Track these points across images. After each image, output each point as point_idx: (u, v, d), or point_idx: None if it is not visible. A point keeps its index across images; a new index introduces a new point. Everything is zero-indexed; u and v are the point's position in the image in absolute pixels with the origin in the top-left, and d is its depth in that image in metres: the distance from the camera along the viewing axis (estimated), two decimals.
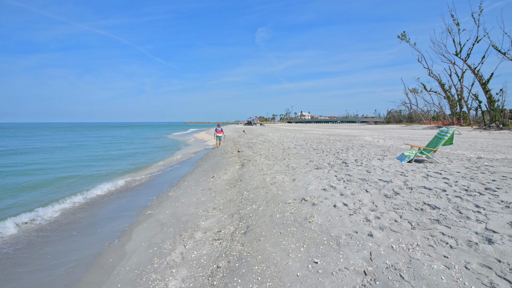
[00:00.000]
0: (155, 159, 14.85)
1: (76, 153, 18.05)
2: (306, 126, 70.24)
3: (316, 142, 13.26)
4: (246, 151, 12.78)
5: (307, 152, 9.92)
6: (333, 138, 16.29)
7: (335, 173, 5.89)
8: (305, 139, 16.24)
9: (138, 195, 7.51)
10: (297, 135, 20.72)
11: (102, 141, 29.92)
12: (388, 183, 4.58)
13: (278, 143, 14.33)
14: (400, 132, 25.82)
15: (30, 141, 29.33)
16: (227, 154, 14.00)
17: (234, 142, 19.64)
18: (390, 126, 54.94)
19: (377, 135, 21.07)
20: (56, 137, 37.23)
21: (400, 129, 38.34)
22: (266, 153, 11.07)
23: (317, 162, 7.75)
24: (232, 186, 6.72)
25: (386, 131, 28.46)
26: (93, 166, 12.62)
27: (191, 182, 8.32)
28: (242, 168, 8.90)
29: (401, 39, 49.47)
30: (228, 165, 10.17)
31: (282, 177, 6.40)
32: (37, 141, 29.39)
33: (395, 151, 9.24)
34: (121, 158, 15.53)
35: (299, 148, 11.23)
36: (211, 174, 8.97)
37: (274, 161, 8.89)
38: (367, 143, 12.66)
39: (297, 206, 4.18)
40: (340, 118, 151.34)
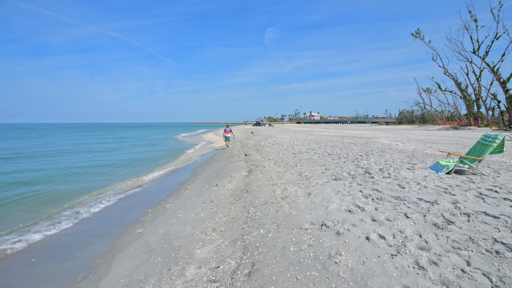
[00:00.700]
0: (159, 163, 14.17)
1: (79, 158, 17.61)
2: (315, 126, 68.86)
3: (329, 146, 12.26)
4: (254, 155, 11.90)
5: (321, 158, 8.96)
6: (348, 141, 15.22)
7: (359, 187, 4.93)
8: (317, 142, 15.24)
9: (133, 206, 6.73)
10: (308, 137, 19.71)
11: (108, 142, 29.66)
12: (433, 205, 3.61)
13: (288, 146, 13.39)
14: (416, 134, 24.41)
15: (35, 142, 29.32)
16: (233, 157, 13.17)
17: (241, 144, 18.80)
18: (402, 127, 53.04)
19: (393, 137, 19.83)
20: (63, 138, 37.30)
21: (414, 130, 36.69)
22: (275, 157, 10.16)
23: (334, 170, 6.78)
24: (237, 198, 5.85)
25: (401, 133, 27.04)
26: (90, 173, 12.00)
27: (193, 190, 7.51)
28: (249, 176, 8.03)
29: (415, 37, 47.67)
30: (234, 171, 9.32)
31: (294, 190, 5.48)
32: (40, 143, 29.35)
33: (423, 157, 8.17)
34: (124, 160, 14.92)
35: (312, 153, 10.27)
36: (215, 182, 8.14)
37: (284, 168, 7.98)
38: (386, 147, 11.57)
39: (317, 235, 3.27)
40: (350, 119, 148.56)
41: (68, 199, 7.46)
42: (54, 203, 7.14)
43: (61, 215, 6.18)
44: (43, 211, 6.44)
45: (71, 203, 7.13)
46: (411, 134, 24.40)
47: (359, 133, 25.88)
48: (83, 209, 6.56)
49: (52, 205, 6.89)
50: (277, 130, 38.19)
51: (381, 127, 56.72)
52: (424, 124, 57.42)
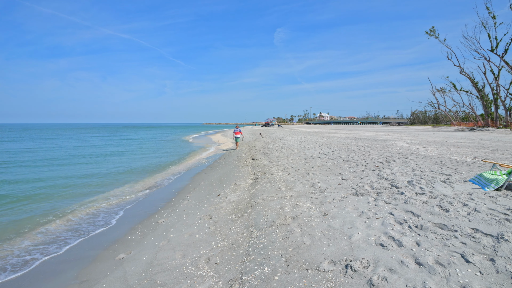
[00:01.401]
0: (163, 166, 13.51)
1: (77, 163, 17.17)
2: (325, 127, 67.45)
3: (344, 150, 11.27)
4: (262, 160, 11.05)
5: (336, 165, 8.02)
6: (362, 144, 14.16)
7: (387, 207, 4.01)
8: (329, 145, 14.25)
9: (122, 220, 6.00)
10: (319, 139, 18.70)
11: (113, 144, 29.41)
12: (499, 242, 2.66)
13: (298, 150, 12.47)
14: (432, 135, 22.97)
15: (35, 143, 29.34)
16: (240, 161, 12.35)
17: (249, 147, 17.99)
18: (415, 127, 51.01)
19: (409, 139, 18.58)
20: (69, 140, 37.40)
21: (428, 131, 34.98)
22: (284, 163, 9.28)
23: (353, 182, 5.85)
24: (239, 214, 5.01)
25: (416, 134, 25.60)
26: (86, 180, 11.41)
27: (192, 201, 6.72)
28: (255, 184, 7.19)
29: (430, 35, 45.86)
30: (239, 178, 8.50)
31: (307, 206, 4.60)
32: (43, 146, 29.34)
33: (454, 165, 7.12)
34: (126, 163, 14.33)
35: (325, 158, 9.33)
36: (217, 191, 7.34)
37: (295, 177, 7.09)
38: (406, 151, 10.50)
39: (341, 283, 2.39)
40: (361, 119, 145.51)
41: (51, 213, 6.80)
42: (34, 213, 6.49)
43: (38, 231, 5.49)
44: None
45: (51, 217, 6.46)
46: (427, 135, 23.00)
47: (372, 135, 24.65)
48: (64, 225, 5.87)
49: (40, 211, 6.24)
50: (286, 132, 37.21)
51: (393, 128, 54.82)
52: (438, 125, 55.21)
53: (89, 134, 48.26)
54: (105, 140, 33.85)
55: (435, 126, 51.66)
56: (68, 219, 6.07)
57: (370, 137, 21.52)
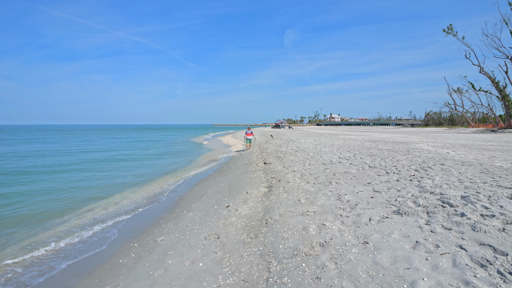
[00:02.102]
0: (170, 169, 12.81)
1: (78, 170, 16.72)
2: (337, 129, 65.86)
3: (366, 154, 10.22)
4: (275, 164, 10.15)
5: (362, 172, 7.02)
6: (384, 147, 13.03)
7: (450, 235, 3.03)
8: (348, 148, 13.19)
9: (118, 235, 5.22)
10: (335, 141, 17.61)
11: (122, 146, 29.14)
12: None
13: (315, 153, 11.49)
14: (453, 137, 21.34)
15: (37, 145, 29.37)
16: (251, 165, 11.49)
17: (260, 149, 17.11)
18: (430, 129, 48.73)
19: (430, 141, 17.21)
20: (77, 141, 37.55)
21: (445, 132, 33.08)
22: (301, 169, 8.34)
23: (388, 195, 4.87)
24: (252, 235, 4.13)
25: (435, 136, 24.00)
26: (81, 188, 10.80)
27: (197, 213, 5.90)
28: (269, 194, 6.29)
29: (447, 33, 43.88)
30: (251, 185, 7.63)
31: (337, 228, 3.68)
32: (51, 147, 29.33)
33: (502, 173, 6.00)
34: (132, 167, 13.71)
35: (347, 164, 8.33)
36: (226, 200, 6.49)
37: (315, 186, 6.15)
38: (437, 155, 9.35)
39: None
40: (372, 121, 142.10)
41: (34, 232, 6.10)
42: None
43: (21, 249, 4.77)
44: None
45: (39, 237, 5.75)
46: (447, 138, 21.42)
47: (388, 137, 23.27)
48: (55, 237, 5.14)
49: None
50: (298, 133, 36.13)
51: (407, 129, 52.68)
52: (454, 127, 52.69)
53: (100, 136, 48.58)
54: (115, 142, 33.74)
55: (451, 128, 49.29)
56: (59, 231, 5.35)
57: (388, 139, 20.24)
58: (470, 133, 30.52)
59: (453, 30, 43.58)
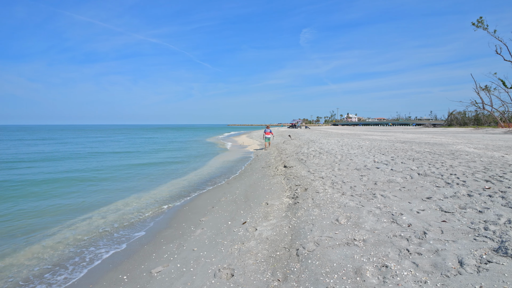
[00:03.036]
0: (182, 172, 11.85)
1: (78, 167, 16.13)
2: (355, 129, 63.29)
3: (406, 158, 8.71)
4: (297, 168, 8.88)
5: (412, 182, 5.61)
6: (421, 149, 11.41)
7: None
8: (380, 149, 11.68)
9: (107, 261, 4.17)
10: (361, 142, 16.04)
11: (135, 146, 28.78)
12: None
13: (343, 156, 10.10)
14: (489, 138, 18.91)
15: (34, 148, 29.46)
16: (269, 168, 10.29)
17: (278, 151, 15.86)
18: (455, 129, 45.16)
19: (467, 142, 15.22)
20: (92, 142, 37.71)
21: (474, 133, 30.13)
22: (330, 175, 7.03)
23: (467, 218, 3.50)
24: (279, 276, 2.92)
25: (465, 136, 21.56)
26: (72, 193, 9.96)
27: (207, 231, 4.78)
28: (295, 208, 5.06)
29: (477, 26, 40.81)
30: (271, 194, 6.43)
31: (410, 276, 2.39)
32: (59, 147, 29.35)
33: None
34: (143, 168, 12.88)
35: (387, 169, 6.92)
36: (242, 214, 5.34)
37: (354, 199, 4.85)
38: (496, 160, 7.71)
39: None
40: (391, 121, 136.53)
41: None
42: None
43: None
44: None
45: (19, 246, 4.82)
46: (479, 138, 19.04)
47: (415, 137, 21.22)
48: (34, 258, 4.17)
49: None
50: (316, 133, 34.48)
51: (430, 129, 49.28)
52: (480, 127, 48.75)
53: (117, 135, 49.04)
54: (130, 141, 33.58)
55: (477, 128, 45.55)
56: (39, 251, 4.39)
57: (417, 139, 18.34)
58: (502, 134, 27.67)
59: (483, 24, 40.46)
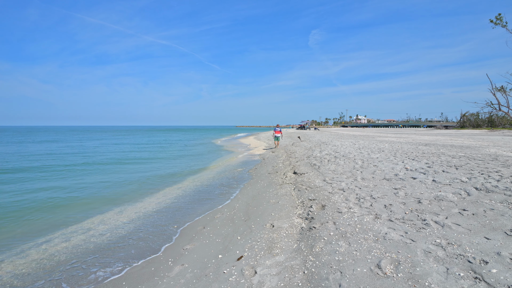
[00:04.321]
0: (178, 176, 10.58)
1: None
2: (366, 130, 61.11)
3: (447, 165, 7.12)
4: (310, 175, 7.45)
5: (472, 201, 4.11)
6: (453, 153, 9.80)
7: None
8: (406, 153, 10.10)
9: None
10: (379, 145, 14.43)
11: (138, 148, 27.81)
12: None
13: (364, 161, 8.60)
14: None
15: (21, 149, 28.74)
16: (277, 175, 8.91)
17: (287, 153, 14.43)
18: (469, 131, 42.44)
19: (495, 145, 13.39)
20: (95, 144, 37.02)
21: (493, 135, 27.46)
22: (353, 186, 5.57)
23: None
24: None
25: (487, 139, 19.48)
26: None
27: (187, 271, 3.43)
28: (310, 237, 3.65)
29: (496, 24, 38.51)
30: (278, 210, 5.04)
31: None
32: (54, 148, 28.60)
33: None
34: (138, 171, 11.68)
35: (427, 180, 5.42)
36: (238, 240, 3.96)
37: (396, 226, 3.40)
38: None
39: None
40: (401, 122, 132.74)
41: None
42: None
43: None
44: None
45: None
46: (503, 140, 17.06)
47: (433, 139, 19.34)
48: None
49: None
50: (327, 135, 32.81)
51: (443, 131, 46.80)
52: (495, 129, 46.09)
53: (122, 136, 48.50)
54: (134, 142, 32.73)
55: (493, 130, 42.86)
56: None
57: (438, 142, 16.54)
58: None
59: (502, 21, 38.16)
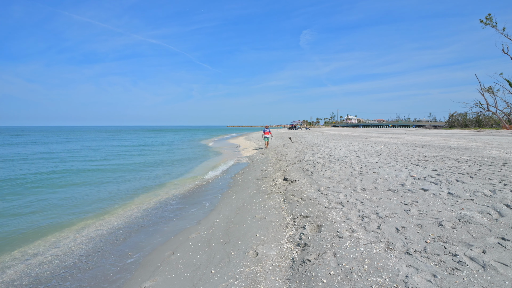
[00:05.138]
0: (156, 184, 9.50)
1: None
2: (357, 130, 61.19)
3: (458, 172, 6.34)
4: (302, 183, 6.53)
5: (506, 225, 3.29)
6: (457, 157, 9.10)
7: None
8: (406, 157, 9.34)
9: None
10: (375, 146, 13.69)
11: (121, 150, 26.44)
12: None
13: (362, 166, 7.74)
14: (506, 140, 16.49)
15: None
16: (265, 181, 7.98)
17: (277, 156, 13.52)
18: (458, 131, 42.93)
19: (492, 146, 12.89)
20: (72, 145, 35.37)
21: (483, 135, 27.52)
22: (353, 199, 4.67)
23: None
24: None
25: (479, 139, 19.18)
26: None
27: None
28: (303, 276, 2.70)
29: (485, 24, 38.98)
30: (265, 231, 4.08)
31: None
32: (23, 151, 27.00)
33: None
34: (112, 181, 10.52)
35: (441, 193, 4.58)
36: (212, 275, 2.97)
37: (416, 263, 2.50)
38: None
39: None
40: (391, 122, 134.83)
41: None
42: None
43: None
44: None
45: None
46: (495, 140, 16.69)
47: (427, 140, 18.85)
48: None
49: None
50: (318, 135, 32.14)
51: (433, 131, 47.42)
52: (483, 128, 47.19)
53: (106, 137, 46.61)
54: (116, 145, 31.22)
55: (481, 130, 43.70)
56: None
57: (432, 143, 15.99)
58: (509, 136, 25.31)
59: (492, 21, 38.57)
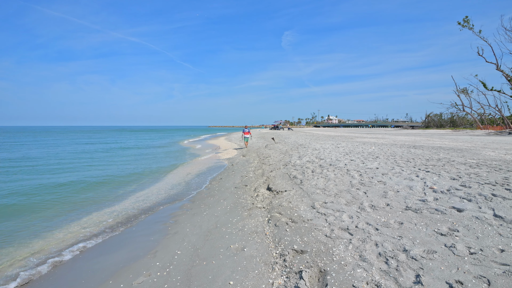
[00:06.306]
0: (112, 198, 7.88)
1: None
2: (339, 130, 61.60)
3: (484, 182, 5.38)
4: (290, 195, 5.27)
5: None
6: (463, 160, 8.28)
7: None
8: (408, 161, 8.38)
9: None
10: (365, 148, 12.77)
11: (88, 154, 24.12)
12: None
13: (361, 173, 6.61)
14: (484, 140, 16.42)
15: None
16: (245, 189, 6.66)
17: (260, 158, 12.24)
18: (436, 131, 44.36)
19: (487, 147, 12.47)
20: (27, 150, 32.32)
21: (460, 135, 28.31)
22: (363, 225, 3.47)
23: None
24: None
25: (459, 139, 19.21)
26: None
27: None
28: None
29: (463, 26, 40.13)
30: (241, 274, 2.72)
31: None
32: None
33: None
34: (68, 192, 8.74)
35: (486, 216, 3.49)
36: None
37: None
38: None
39: None
40: (370, 122, 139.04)
41: None
42: None
43: None
44: None
45: None
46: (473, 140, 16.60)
47: (411, 140, 18.46)
48: None
49: None
50: (302, 135, 31.27)
51: (412, 131, 48.98)
52: (457, 129, 49.49)
53: (73, 139, 43.27)
54: (80, 150, 28.63)
55: (456, 130, 45.66)
56: None
57: (418, 143, 15.49)
58: (484, 135, 25.94)
59: (469, 23, 39.74)
